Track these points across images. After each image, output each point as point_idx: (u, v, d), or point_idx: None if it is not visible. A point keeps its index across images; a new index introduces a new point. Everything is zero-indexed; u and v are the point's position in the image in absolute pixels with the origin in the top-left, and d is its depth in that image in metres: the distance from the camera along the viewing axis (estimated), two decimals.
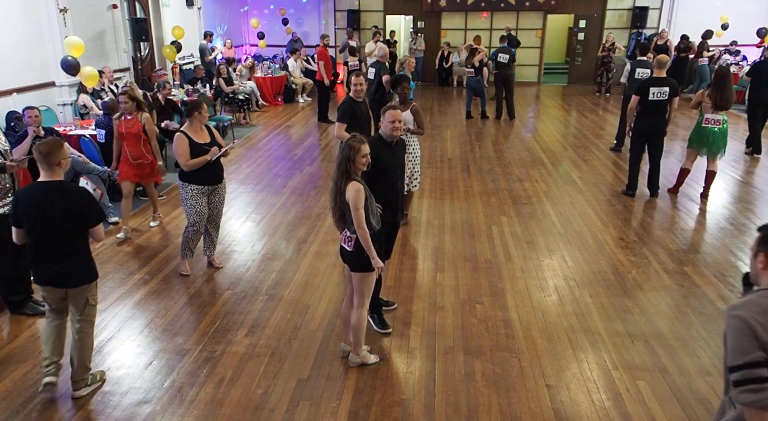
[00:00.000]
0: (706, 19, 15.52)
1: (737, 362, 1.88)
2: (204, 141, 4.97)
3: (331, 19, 17.74)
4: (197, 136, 4.96)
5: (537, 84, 17.42)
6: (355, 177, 3.50)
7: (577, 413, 3.47)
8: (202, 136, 4.99)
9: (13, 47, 8.22)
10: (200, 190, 4.99)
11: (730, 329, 1.93)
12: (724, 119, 7.01)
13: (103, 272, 5.27)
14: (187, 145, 4.88)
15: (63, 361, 3.66)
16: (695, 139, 7.15)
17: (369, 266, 3.59)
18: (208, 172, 4.99)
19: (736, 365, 1.88)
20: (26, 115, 5.85)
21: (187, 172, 4.95)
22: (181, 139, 4.90)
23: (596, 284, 5.07)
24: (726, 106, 6.89)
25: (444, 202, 7.14)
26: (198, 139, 4.94)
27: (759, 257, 2.01)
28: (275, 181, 8.09)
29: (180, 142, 4.89)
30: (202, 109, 4.94)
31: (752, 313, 1.89)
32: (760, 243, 2.02)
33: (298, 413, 3.47)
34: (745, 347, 1.87)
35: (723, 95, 6.83)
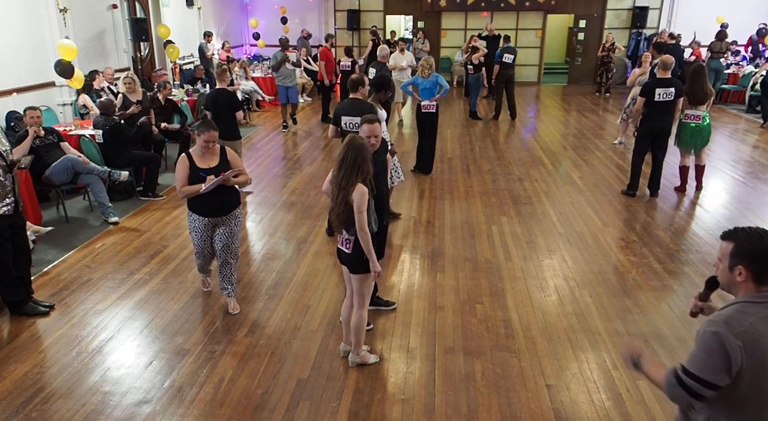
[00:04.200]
0: (706, 19, 15.53)
1: (698, 374, 1.93)
2: (207, 166, 4.27)
3: (331, 19, 17.74)
4: (201, 159, 4.30)
5: (537, 84, 17.43)
6: (362, 180, 3.45)
7: (577, 413, 3.47)
8: (207, 160, 4.30)
9: (13, 47, 8.22)
10: (202, 221, 4.34)
11: (704, 342, 1.94)
12: (704, 115, 7.20)
13: (103, 272, 5.28)
14: (186, 167, 4.25)
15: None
16: (678, 136, 7.37)
17: (368, 267, 3.58)
18: (211, 201, 4.25)
19: (695, 376, 1.93)
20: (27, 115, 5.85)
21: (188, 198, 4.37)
22: (181, 162, 4.29)
23: (596, 284, 5.07)
24: (702, 101, 7.13)
25: (444, 202, 7.14)
26: (200, 162, 4.28)
27: (737, 270, 2.00)
28: (275, 181, 8.09)
29: (178, 164, 4.30)
30: (206, 131, 4.20)
31: (731, 333, 1.89)
32: (738, 256, 2.00)
33: (298, 413, 3.47)
34: (713, 367, 1.90)
35: (697, 90, 7.07)
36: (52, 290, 4.96)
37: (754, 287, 1.98)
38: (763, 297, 1.95)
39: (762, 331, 1.90)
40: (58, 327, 4.39)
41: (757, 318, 1.92)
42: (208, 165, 4.26)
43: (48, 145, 6.38)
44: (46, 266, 5.41)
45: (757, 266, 1.96)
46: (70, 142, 6.81)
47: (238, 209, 4.43)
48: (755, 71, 13.22)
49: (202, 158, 4.28)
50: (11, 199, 4.37)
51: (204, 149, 4.24)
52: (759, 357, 1.90)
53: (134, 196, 7.30)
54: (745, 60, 15.08)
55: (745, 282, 1.99)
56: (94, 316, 4.55)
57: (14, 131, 7.28)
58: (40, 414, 3.45)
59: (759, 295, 1.96)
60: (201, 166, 4.24)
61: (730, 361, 1.89)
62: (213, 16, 15.77)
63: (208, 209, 4.28)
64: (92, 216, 6.67)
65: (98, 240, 6.02)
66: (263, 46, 16.90)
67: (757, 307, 1.94)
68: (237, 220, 4.43)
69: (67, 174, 6.32)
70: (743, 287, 2.00)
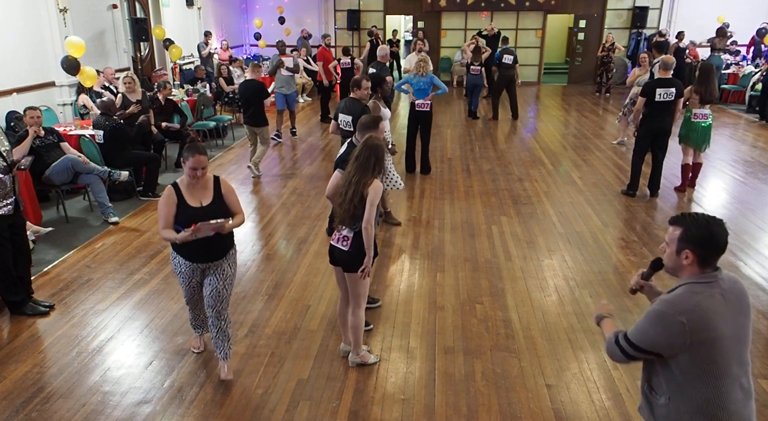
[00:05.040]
0: (706, 19, 15.54)
1: (635, 342, 2.17)
2: (199, 203, 3.45)
3: (331, 19, 17.75)
4: (191, 192, 3.46)
5: (537, 84, 17.43)
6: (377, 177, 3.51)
7: (577, 413, 3.47)
8: (198, 195, 3.47)
9: (13, 47, 8.22)
10: (189, 266, 3.55)
11: (649, 317, 2.13)
12: (710, 113, 7.29)
13: (103, 272, 5.28)
14: (173, 204, 3.43)
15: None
16: (686, 135, 7.39)
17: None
18: (198, 243, 3.40)
19: (635, 345, 2.17)
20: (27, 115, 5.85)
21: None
22: (166, 195, 3.44)
23: (596, 284, 5.07)
24: (710, 100, 7.23)
25: (444, 202, 7.14)
26: (190, 197, 3.45)
27: (683, 254, 2.13)
28: (275, 181, 8.09)
29: (163, 197, 3.44)
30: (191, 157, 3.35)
31: (677, 311, 2.06)
32: (685, 240, 2.12)
33: (298, 413, 3.47)
34: (651, 340, 2.12)
35: (707, 89, 7.16)
36: (52, 290, 4.96)
37: (699, 269, 2.13)
38: (707, 278, 2.11)
39: (708, 308, 2.05)
40: (58, 327, 4.39)
41: (702, 297, 2.07)
42: (200, 202, 3.45)
43: (48, 145, 6.38)
44: (46, 266, 5.41)
45: (702, 250, 2.10)
46: (70, 142, 6.81)
47: (232, 250, 3.68)
48: (755, 71, 13.23)
49: (191, 192, 3.46)
50: (11, 200, 4.37)
51: (192, 179, 3.41)
52: (707, 332, 2.03)
53: (134, 197, 7.30)
54: (744, 60, 15.08)
55: (691, 265, 2.13)
56: (94, 316, 4.55)
57: (14, 131, 7.28)
58: (40, 414, 3.45)
59: (703, 276, 2.12)
60: (191, 202, 3.43)
61: (670, 337, 2.06)
62: (213, 16, 15.77)
63: (194, 253, 3.48)
64: (92, 216, 6.67)
65: (98, 240, 6.02)
66: (264, 46, 16.91)
67: (702, 287, 2.09)
68: (231, 262, 3.65)
69: (67, 174, 6.33)
70: (688, 269, 2.15)
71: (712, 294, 2.08)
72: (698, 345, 2.04)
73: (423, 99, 8.08)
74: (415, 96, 8.17)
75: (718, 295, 2.08)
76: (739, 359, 2.10)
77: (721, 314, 2.06)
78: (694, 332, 2.03)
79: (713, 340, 2.04)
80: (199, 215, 3.38)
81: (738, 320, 2.10)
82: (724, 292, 2.10)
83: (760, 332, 4.31)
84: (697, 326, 2.03)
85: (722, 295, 2.09)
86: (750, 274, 5.25)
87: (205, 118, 10.27)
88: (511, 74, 11.98)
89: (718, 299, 2.07)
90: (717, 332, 2.04)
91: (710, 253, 2.10)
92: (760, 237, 6.09)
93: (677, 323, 2.03)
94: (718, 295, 2.08)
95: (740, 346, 2.11)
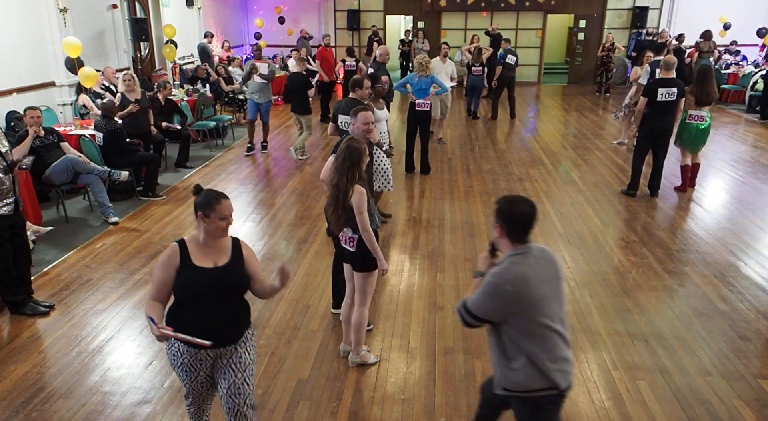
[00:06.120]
0: (706, 19, 15.54)
1: (476, 313, 2.47)
2: (214, 263, 2.67)
3: (331, 20, 17.75)
4: (205, 252, 2.67)
5: (537, 84, 17.43)
6: (359, 181, 3.47)
7: (577, 413, 3.47)
8: (212, 254, 2.68)
9: (13, 47, 8.22)
10: (192, 354, 2.66)
11: (484, 288, 2.45)
12: (707, 116, 7.23)
13: (103, 272, 5.28)
14: (173, 267, 2.63)
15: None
16: (681, 136, 7.38)
17: (371, 265, 3.59)
18: (206, 320, 2.61)
19: (473, 314, 2.48)
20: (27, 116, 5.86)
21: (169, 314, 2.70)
22: (167, 255, 2.65)
23: (596, 284, 5.07)
24: (707, 102, 7.17)
25: (444, 202, 7.14)
26: (200, 256, 2.66)
27: (496, 227, 2.49)
28: (275, 181, 8.09)
29: (163, 258, 2.65)
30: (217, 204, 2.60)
31: (505, 282, 2.39)
32: (497, 215, 2.48)
33: (298, 413, 3.47)
34: (487, 309, 2.45)
35: (704, 91, 7.11)
36: (52, 290, 4.96)
37: (510, 243, 2.47)
38: (522, 249, 2.45)
39: (528, 274, 2.40)
40: (58, 327, 4.39)
41: (522, 266, 2.41)
42: (214, 262, 2.67)
43: (48, 145, 6.38)
44: (46, 266, 5.41)
45: (508, 225, 2.45)
46: (70, 142, 6.81)
47: (249, 330, 2.83)
48: (755, 71, 13.23)
49: (204, 251, 2.67)
50: (11, 200, 4.37)
51: (223, 232, 2.66)
52: (531, 295, 2.38)
53: (134, 196, 7.30)
54: (745, 60, 15.07)
55: (502, 238, 2.48)
56: (94, 316, 4.55)
57: (14, 131, 7.28)
58: (40, 414, 3.45)
59: (518, 248, 2.45)
60: (200, 262, 2.64)
61: (501, 304, 2.40)
62: (213, 16, 15.77)
63: (200, 337, 2.52)
64: (92, 216, 6.67)
65: (98, 240, 6.02)
66: (264, 46, 16.89)
67: (520, 257, 2.43)
68: (249, 345, 2.79)
69: (67, 174, 6.33)
70: (503, 243, 2.50)
71: (529, 262, 2.43)
72: (524, 307, 2.39)
73: (423, 99, 8.08)
74: (415, 96, 8.17)
75: (534, 262, 2.44)
76: (557, 315, 2.48)
77: (539, 279, 2.42)
78: (520, 296, 2.38)
79: (535, 301, 2.40)
80: (211, 278, 2.62)
81: (552, 283, 2.49)
82: (537, 259, 2.46)
83: (760, 332, 4.31)
84: (521, 291, 2.37)
85: (536, 262, 2.45)
86: (750, 274, 5.25)
87: (205, 118, 10.27)
88: (512, 75, 12.00)
89: (534, 265, 2.43)
90: (537, 293, 2.40)
91: (516, 227, 2.44)
92: (760, 237, 6.09)
93: (505, 292, 2.38)
94: (534, 262, 2.44)
95: (557, 304, 2.50)
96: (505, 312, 2.42)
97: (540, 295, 2.41)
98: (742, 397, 3.60)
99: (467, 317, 2.51)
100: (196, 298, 2.63)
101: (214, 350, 2.66)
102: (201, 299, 2.62)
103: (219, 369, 2.73)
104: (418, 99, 8.09)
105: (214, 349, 2.65)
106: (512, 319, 2.42)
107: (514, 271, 2.40)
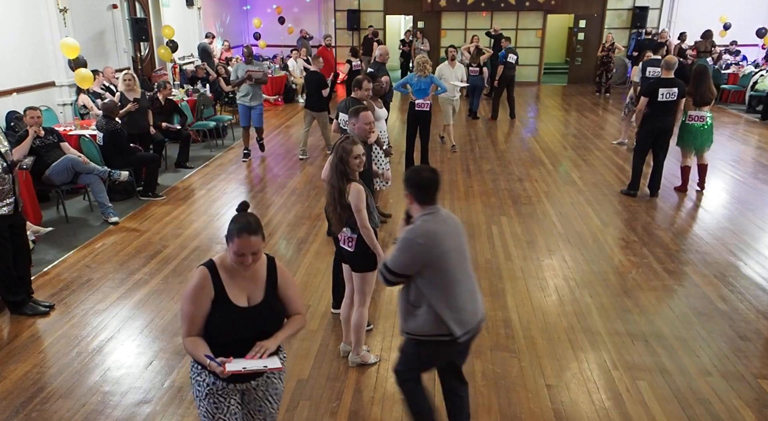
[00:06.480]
0: (706, 19, 15.54)
1: (394, 269, 2.79)
2: (245, 301, 2.36)
3: (331, 19, 17.75)
4: (237, 283, 2.36)
5: (537, 84, 17.43)
6: (354, 178, 3.49)
7: (577, 413, 3.47)
8: (245, 286, 2.37)
9: (13, 47, 8.22)
10: (223, 387, 2.38)
11: (399, 244, 2.78)
12: (708, 116, 7.19)
13: (103, 272, 5.28)
14: (209, 299, 2.30)
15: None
16: (682, 136, 7.36)
17: (370, 265, 3.59)
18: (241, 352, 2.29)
19: (392, 270, 2.79)
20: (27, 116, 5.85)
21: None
22: (199, 285, 2.31)
23: (596, 284, 5.07)
24: (705, 102, 7.14)
25: (444, 203, 7.14)
26: (236, 290, 2.35)
27: (406, 196, 2.87)
28: (275, 181, 8.09)
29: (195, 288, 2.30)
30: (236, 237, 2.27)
31: (416, 236, 2.75)
32: (406, 184, 2.86)
33: (298, 413, 3.47)
34: (403, 263, 2.77)
35: (700, 91, 7.08)
36: (52, 290, 4.96)
37: (420, 207, 2.83)
38: (430, 210, 2.82)
39: (437, 230, 2.76)
40: (58, 327, 4.39)
41: (431, 224, 2.78)
42: (246, 299, 2.37)
43: (48, 145, 6.38)
44: (46, 266, 5.41)
45: (416, 191, 2.82)
46: (70, 142, 6.81)
47: (282, 354, 2.52)
48: (755, 71, 13.23)
49: (236, 281, 2.36)
50: (11, 200, 4.38)
51: (239, 266, 2.32)
52: (438, 249, 2.73)
53: (134, 197, 7.30)
54: (745, 60, 15.07)
55: (412, 204, 2.86)
56: (94, 316, 4.55)
57: (14, 131, 7.28)
58: (40, 414, 3.45)
59: (427, 210, 2.82)
60: (235, 298, 2.34)
61: (415, 257, 2.74)
62: (213, 16, 15.77)
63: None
64: (92, 216, 6.67)
65: (98, 240, 6.02)
66: (264, 46, 16.92)
67: (430, 216, 2.81)
68: (274, 382, 2.53)
69: (67, 174, 6.33)
70: (414, 208, 2.86)
71: (437, 221, 2.80)
72: (434, 260, 2.73)
73: (423, 99, 8.08)
74: (415, 96, 8.18)
75: (441, 221, 2.81)
76: (462, 267, 2.84)
77: (446, 234, 2.78)
78: (430, 249, 2.73)
79: (443, 254, 2.75)
80: (246, 319, 2.33)
81: (457, 239, 2.84)
82: (444, 219, 2.85)
83: (760, 332, 4.31)
84: (431, 245, 2.73)
85: (444, 221, 2.83)
86: (750, 274, 5.25)
87: (205, 118, 10.27)
88: (512, 74, 12.00)
89: (442, 223, 2.80)
90: (445, 247, 2.75)
91: (422, 192, 2.82)
92: (760, 237, 6.09)
93: (417, 245, 2.73)
94: (441, 221, 2.81)
95: (462, 257, 2.85)
96: (419, 264, 2.74)
97: (447, 248, 2.76)
98: (742, 397, 3.60)
99: (387, 275, 2.81)
100: (226, 335, 2.33)
101: (246, 382, 2.41)
102: (233, 336, 2.34)
103: (252, 400, 2.49)
104: (417, 99, 8.09)
105: (247, 382, 2.41)
106: (424, 271, 2.75)
107: (424, 227, 2.76)
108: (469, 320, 2.84)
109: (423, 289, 2.76)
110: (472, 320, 2.86)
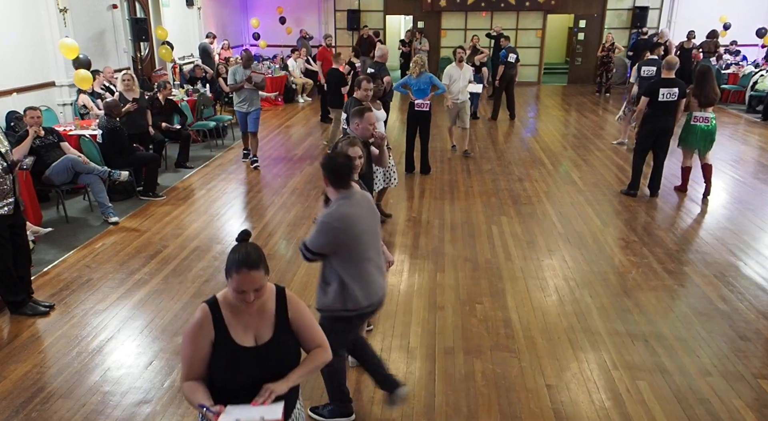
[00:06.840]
0: (706, 19, 15.54)
1: (313, 249, 2.99)
2: (252, 340, 2.12)
3: (331, 20, 17.74)
4: (242, 319, 2.12)
5: (537, 84, 17.43)
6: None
7: (577, 413, 3.47)
8: (254, 323, 2.12)
9: (13, 47, 8.22)
10: None
11: (317, 227, 2.96)
12: (712, 117, 7.15)
13: (103, 272, 5.28)
14: (208, 340, 2.08)
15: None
16: (686, 138, 7.29)
17: None
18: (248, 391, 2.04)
19: (311, 250, 2.99)
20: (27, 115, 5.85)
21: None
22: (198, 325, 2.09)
23: (596, 284, 5.07)
24: (710, 103, 7.08)
25: (444, 202, 7.14)
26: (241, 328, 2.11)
27: (323, 180, 3.00)
28: (275, 181, 8.09)
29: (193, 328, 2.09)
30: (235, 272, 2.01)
31: (333, 220, 2.92)
32: (322, 168, 2.99)
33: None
34: (320, 244, 2.97)
35: (703, 92, 7.02)
36: (52, 290, 4.96)
37: (335, 190, 2.98)
38: (346, 194, 2.97)
39: (352, 213, 2.95)
40: (58, 327, 4.39)
41: (346, 207, 2.94)
42: (254, 338, 2.12)
43: (48, 145, 6.38)
44: (46, 266, 5.41)
45: (330, 175, 2.95)
46: (70, 142, 6.81)
47: (299, 403, 2.32)
48: (755, 71, 13.23)
49: (240, 318, 2.12)
50: (11, 200, 4.38)
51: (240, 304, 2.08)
52: (353, 230, 2.93)
53: (134, 197, 7.30)
54: (745, 60, 15.07)
55: (328, 187, 3.00)
56: (94, 316, 4.55)
57: (14, 131, 7.27)
58: (40, 414, 3.45)
59: (342, 193, 2.97)
60: (239, 338, 2.10)
61: (331, 239, 2.93)
62: (213, 16, 15.77)
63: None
64: (92, 216, 6.67)
65: (98, 240, 6.02)
66: (265, 46, 16.92)
67: (345, 200, 2.96)
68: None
69: (67, 174, 6.33)
70: (330, 191, 3.00)
71: (352, 203, 2.96)
72: (349, 240, 2.94)
73: (422, 99, 8.08)
74: (415, 96, 8.18)
75: (356, 204, 2.98)
76: (373, 245, 3.07)
77: (360, 216, 2.98)
78: (345, 231, 2.92)
79: (357, 235, 2.95)
80: (253, 360, 2.09)
81: (370, 219, 3.06)
82: (359, 201, 3.01)
83: (760, 332, 4.31)
84: (346, 227, 2.92)
85: (358, 203, 3.00)
86: (750, 274, 5.25)
87: (205, 118, 10.27)
88: (512, 73, 11.99)
89: (356, 206, 2.97)
90: (359, 229, 2.96)
91: (336, 176, 2.94)
92: (760, 237, 6.09)
93: (333, 228, 2.91)
94: (356, 204, 2.98)
95: (374, 237, 3.08)
96: (335, 245, 2.95)
97: (361, 229, 2.97)
98: (742, 397, 3.60)
99: (306, 253, 3.02)
100: (234, 380, 2.08)
101: None
102: (241, 380, 2.08)
103: None
104: (417, 99, 8.09)
105: None
106: (339, 250, 2.96)
107: (339, 211, 2.93)
108: (377, 293, 3.11)
109: (337, 267, 2.99)
110: (380, 293, 3.15)
